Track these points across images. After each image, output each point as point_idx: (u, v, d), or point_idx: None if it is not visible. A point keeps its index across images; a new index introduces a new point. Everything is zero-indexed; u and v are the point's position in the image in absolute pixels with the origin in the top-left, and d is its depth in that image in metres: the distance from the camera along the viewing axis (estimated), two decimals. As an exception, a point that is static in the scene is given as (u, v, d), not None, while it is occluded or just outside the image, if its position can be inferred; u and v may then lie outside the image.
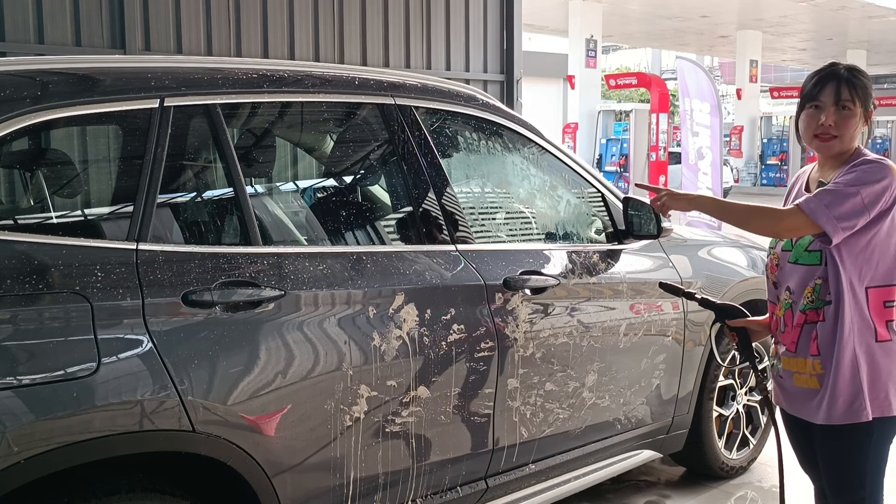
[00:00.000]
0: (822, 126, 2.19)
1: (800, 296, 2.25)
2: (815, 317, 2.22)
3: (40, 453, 1.81)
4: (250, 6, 6.47)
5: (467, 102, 2.99)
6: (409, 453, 2.53)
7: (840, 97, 2.17)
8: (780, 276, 2.33)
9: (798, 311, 2.25)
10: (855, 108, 2.18)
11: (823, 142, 2.21)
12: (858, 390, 2.17)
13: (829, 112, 2.18)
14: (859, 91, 2.18)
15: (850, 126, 2.19)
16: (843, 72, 2.20)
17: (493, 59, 8.12)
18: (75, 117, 2.12)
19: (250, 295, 2.19)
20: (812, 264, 2.22)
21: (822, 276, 2.20)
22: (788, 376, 2.31)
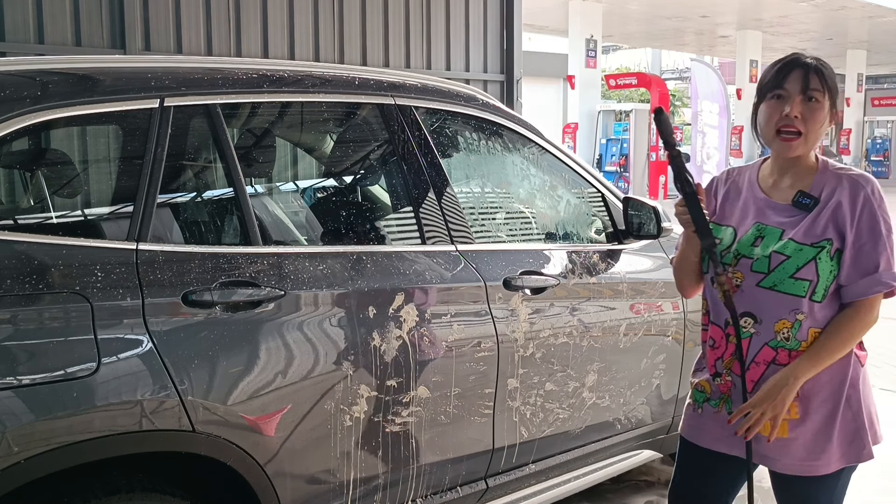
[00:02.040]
0: (787, 118, 1.90)
1: (769, 328, 1.95)
2: (783, 358, 1.95)
3: (40, 453, 1.81)
4: (250, 6, 6.47)
5: (467, 102, 2.99)
6: (409, 453, 2.53)
7: (808, 85, 1.90)
8: (738, 299, 1.97)
9: (765, 346, 1.96)
10: (823, 100, 1.91)
11: (786, 140, 1.92)
12: (856, 427, 1.98)
13: (794, 102, 1.90)
14: (828, 81, 1.93)
15: (818, 120, 1.91)
16: (810, 60, 1.94)
17: (493, 59, 8.12)
18: (75, 117, 2.12)
19: (250, 295, 2.19)
20: (796, 295, 1.93)
21: (807, 313, 1.92)
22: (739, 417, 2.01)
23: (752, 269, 1.97)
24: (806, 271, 1.92)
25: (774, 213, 2.00)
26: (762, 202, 2.03)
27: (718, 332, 2.06)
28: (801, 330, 1.93)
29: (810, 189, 1.96)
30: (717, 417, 2.07)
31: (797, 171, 2.00)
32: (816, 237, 1.92)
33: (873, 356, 6.70)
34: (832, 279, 1.93)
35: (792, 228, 1.95)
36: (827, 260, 1.92)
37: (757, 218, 2.01)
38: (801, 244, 1.93)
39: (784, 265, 1.93)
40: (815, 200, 1.95)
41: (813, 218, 1.94)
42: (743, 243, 2.01)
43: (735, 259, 2.01)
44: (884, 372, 5.76)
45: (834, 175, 1.96)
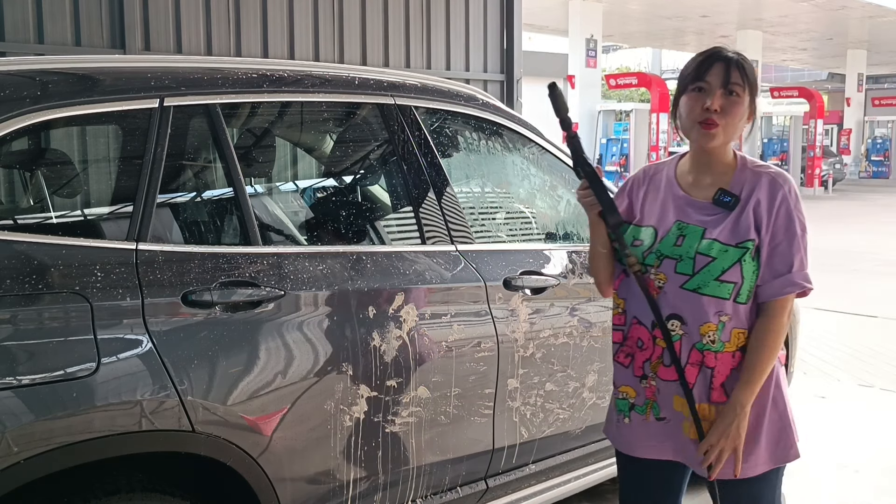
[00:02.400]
0: (707, 111, 1.89)
1: (695, 331, 1.91)
2: (710, 360, 1.92)
3: (40, 453, 1.81)
4: (250, 6, 6.47)
5: (467, 102, 2.99)
6: (408, 453, 2.52)
7: (729, 79, 1.89)
8: (663, 301, 1.94)
9: (694, 349, 1.92)
10: (743, 95, 1.91)
11: (706, 128, 1.90)
12: (782, 428, 1.97)
13: (716, 95, 1.89)
14: (749, 77, 1.92)
15: (737, 115, 1.91)
16: (731, 54, 1.93)
17: (493, 58, 8.11)
18: (75, 117, 2.12)
19: (250, 295, 2.19)
20: (720, 297, 1.90)
21: (731, 314, 1.90)
22: (677, 419, 1.98)
23: (675, 270, 1.93)
24: (731, 273, 1.89)
25: (695, 212, 1.96)
26: (682, 200, 1.99)
27: (646, 333, 1.99)
28: (724, 331, 1.91)
29: (730, 187, 1.95)
30: (645, 425, 2.03)
31: (716, 168, 1.98)
32: (740, 237, 1.90)
33: (873, 356, 6.69)
34: (755, 280, 1.91)
35: (714, 227, 1.92)
36: (750, 261, 1.90)
37: (677, 216, 1.98)
38: (725, 245, 1.90)
39: (709, 267, 1.90)
40: (735, 199, 1.93)
41: (735, 217, 1.92)
42: (665, 243, 1.96)
43: (658, 260, 1.96)
44: (884, 372, 5.76)
45: (752, 173, 1.96)
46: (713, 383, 1.93)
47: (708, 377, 1.93)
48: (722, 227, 1.92)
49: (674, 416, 1.98)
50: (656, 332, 1.96)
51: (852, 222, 15.96)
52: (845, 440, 4.43)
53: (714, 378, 1.93)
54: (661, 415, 2.00)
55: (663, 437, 2.00)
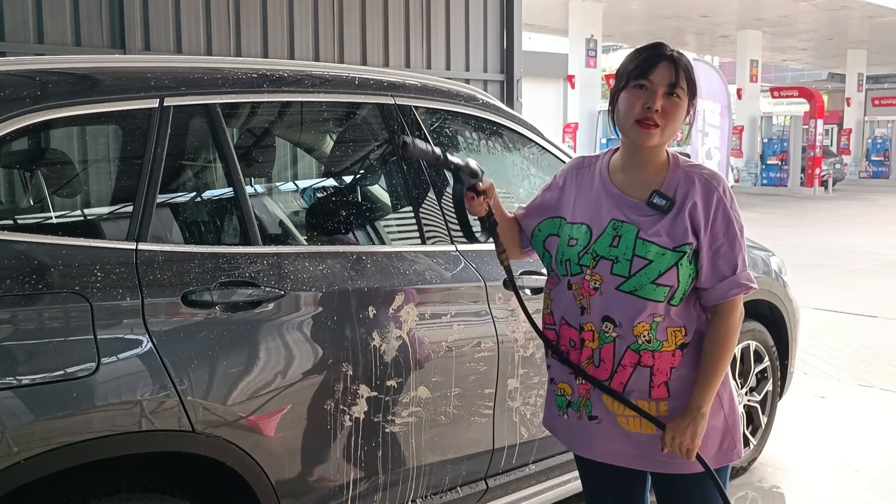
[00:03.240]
0: (648, 111, 1.86)
1: (629, 332, 1.90)
2: (647, 359, 1.91)
3: (40, 453, 1.81)
4: (250, 6, 6.47)
5: (467, 102, 2.99)
6: (408, 453, 2.52)
7: (675, 82, 1.87)
8: (598, 302, 1.93)
9: (629, 350, 1.91)
10: (684, 97, 1.89)
11: (646, 128, 1.87)
12: (729, 428, 1.98)
13: (658, 96, 1.86)
14: (690, 79, 1.89)
15: (677, 117, 1.89)
16: (675, 53, 1.90)
17: (493, 58, 8.11)
18: (75, 117, 2.12)
19: (250, 295, 2.19)
20: (654, 300, 1.88)
21: (664, 314, 1.90)
22: (609, 418, 1.97)
23: (612, 271, 1.90)
24: (668, 277, 1.87)
25: (630, 211, 1.93)
26: (616, 198, 1.95)
27: (575, 334, 1.98)
28: (658, 330, 1.90)
29: (663, 187, 1.92)
30: (580, 424, 2.02)
31: (649, 166, 1.94)
32: (678, 241, 1.88)
33: (873, 356, 6.68)
34: (690, 283, 1.90)
35: (649, 228, 1.90)
36: (687, 265, 1.88)
37: (612, 215, 1.94)
38: (663, 248, 1.87)
39: (646, 270, 1.87)
40: (670, 202, 1.90)
41: (672, 220, 1.89)
42: (601, 243, 1.93)
43: (594, 261, 1.93)
44: (884, 372, 5.76)
45: (685, 173, 1.93)
46: (653, 381, 1.92)
47: (647, 376, 1.92)
48: (657, 229, 1.89)
49: (606, 416, 1.97)
50: (584, 334, 1.96)
51: (852, 222, 15.96)
52: (845, 440, 4.43)
53: (654, 376, 1.92)
54: (592, 413, 1.99)
55: (604, 439, 1.99)
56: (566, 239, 1.99)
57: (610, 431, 1.98)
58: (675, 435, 1.90)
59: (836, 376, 5.68)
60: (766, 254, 3.90)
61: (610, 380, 1.94)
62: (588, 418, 2.00)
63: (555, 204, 2.06)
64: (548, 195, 2.10)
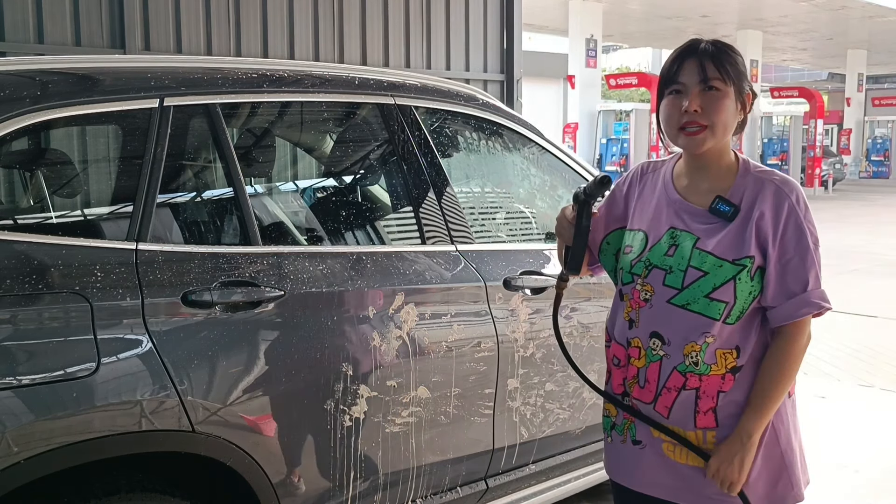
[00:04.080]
0: (687, 113, 1.71)
1: (678, 351, 1.73)
2: (693, 382, 1.73)
3: (40, 453, 1.81)
4: (250, 6, 6.47)
5: (467, 102, 2.99)
6: (408, 453, 2.52)
7: (706, 75, 1.71)
8: (647, 316, 1.78)
9: (675, 371, 1.74)
10: (726, 87, 1.72)
11: (691, 135, 1.72)
12: (786, 466, 1.78)
13: (692, 95, 1.71)
14: (728, 67, 1.72)
15: (722, 110, 1.71)
16: (706, 46, 1.74)
17: (493, 59, 8.11)
18: (75, 117, 2.12)
19: (250, 295, 2.19)
20: (709, 317, 1.71)
21: (717, 335, 1.71)
22: (654, 444, 1.81)
23: (664, 282, 1.75)
24: (723, 292, 1.70)
25: (690, 219, 1.78)
26: (677, 204, 1.81)
27: (622, 351, 1.85)
28: (707, 352, 1.72)
29: (730, 193, 1.76)
30: (622, 448, 1.87)
31: (714, 171, 1.79)
32: (738, 253, 1.71)
33: (873, 356, 6.65)
34: (751, 301, 1.72)
35: (709, 237, 1.74)
36: (747, 280, 1.71)
37: (671, 223, 1.80)
38: (720, 259, 1.71)
39: (700, 283, 1.72)
40: (734, 209, 1.74)
41: (735, 230, 1.73)
42: (655, 252, 1.79)
43: (646, 270, 1.79)
44: (884, 372, 5.76)
45: (755, 179, 1.76)
46: (699, 407, 1.75)
47: (692, 401, 1.75)
48: (718, 240, 1.73)
49: (650, 442, 1.81)
50: (631, 350, 1.82)
51: (852, 222, 15.96)
52: (845, 440, 4.43)
53: (699, 402, 1.74)
54: (636, 437, 1.83)
55: (646, 467, 1.83)
56: (623, 246, 1.87)
57: (653, 459, 1.81)
58: (720, 464, 1.72)
59: (836, 376, 5.68)
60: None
61: (654, 402, 1.78)
62: (632, 442, 1.84)
63: (621, 213, 1.93)
64: (612, 205, 1.95)
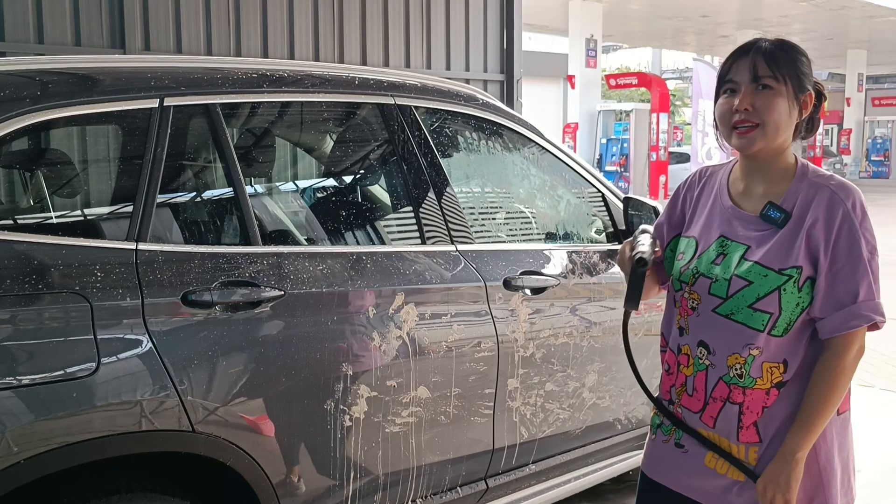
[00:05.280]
0: (738, 112, 1.67)
1: (723, 361, 1.71)
2: (737, 396, 1.70)
3: (40, 453, 1.81)
4: (250, 6, 6.47)
5: (467, 102, 2.99)
6: (408, 453, 2.52)
7: (757, 73, 1.66)
8: (694, 323, 1.76)
9: (721, 381, 1.72)
10: (780, 85, 1.66)
11: (742, 133, 1.68)
12: (822, 485, 1.72)
13: (743, 93, 1.67)
14: (782, 65, 1.66)
15: (775, 108, 1.66)
16: (763, 44, 1.69)
17: (493, 59, 8.11)
18: (75, 117, 2.12)
19: (250, 295, 2.19)
20: (752, 328, 1.67)
21: (763, 346, 1.67)
22: (696, 451, 1.79)
23: (709, 291, 1.73)
24: (767, 302, 1.66)
25: (741, 226, 1.74)
26: (729, 211, 1.77)
27: (672, 358, 1.83)
28: (753, 365, 1.69)
29: (783, 199, 1.71)
30: (665, 448, 1.86)
31: (769, 175, 1.74)
32: (784, 263, 1.66)
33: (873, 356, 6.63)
34: (798, 313, 1.67)
35: (758, 246, 1.70)
36: (794, 291, 1.66)
37: (721, 230, 1.77)
38: (766, 269, 1.67)
39: (744, 292, 1.68)
40: (785, 215, 1.69)
41: (784, 238, 1.68)
42: (703, 260, 1.76)
43: (693, 278, 1.76)
44: (884, 372, 5.76)
45: (811, 184, 1.70)
46: (742, 422, 1.71)
47: (735, 414, 1.72)
48: (767, 248, 1.69)
49: (693, 448, 1.80)
50: (681, 357, 1.80)
51: (852, 222, 15.91)
52: (845, 440, 4.43)
53: (743, 416, 1.71)
54: (680, 441, 1.83)
55: (684, 470, 1.82)
56: (677, 253, 1.84)
57: (694, 465, 1.79)
58: (766, 485, 1.68)
59: (836, 376, 5.67)
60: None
61: (701, 412, 1.77)
62: (675, 445, 1.83)
63: (678, 220, 1.90)
64: (671, 212, 1.92)
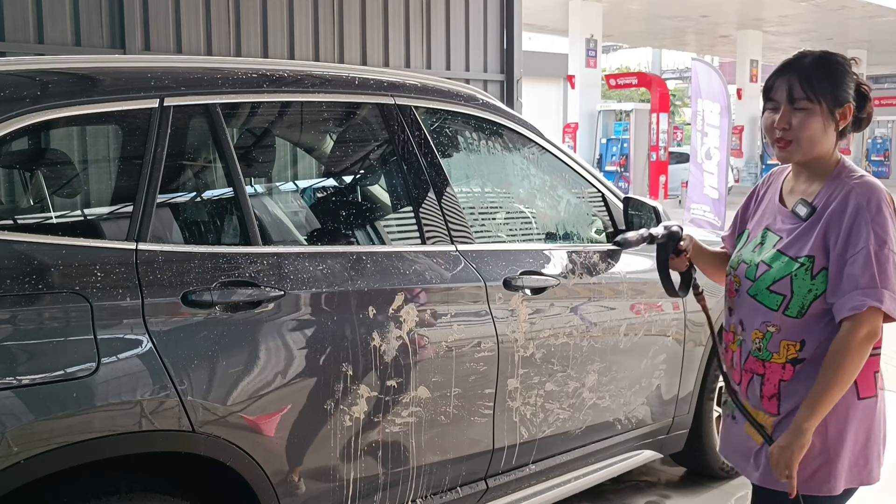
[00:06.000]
0: (777, 129, 1.87)
1: (749, 336, 1.95)
2: (759, 368, 1.92)
3: (40, 453, 1.81)
4: (250, 6, 6.47)
5: (467, 102, 2.99)
6: (408, 453, 2.52)
7: (792, 95, 1.84)
8: (736, 304, 2.00)
9: (750, 355, 1.95)
10: (813, 105, 1.82)
11: (781, 149, 1.88)
12: (828, 459, 1.85)
13: (782, 112, 1.85)
14: (816, 86, 1.82)
15: (809, 128, 1.83)
16: (804, 62, 1.85)
17: (493, 59, 8.11)
18: (75, 117, 2.12)
19: (250, 295, 2.19)
20: (769, 307, 1.89)
21: (778, 325, 1.87)
22: (741, 420, 2.00)
23: (745, 275, 1.96)
24: (781, 285, 1.86)
25: (781, 220, 1.95)
26: (776, 207, 1.99)
27: (727, 337, 2.06)
28: (771, 341, 1.89)
29: (815, 196, 1.88)
30: (727, 423, 2.09)
31: (812, 175, 1.92)
32: (799, 251, 1.85)
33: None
34: (812, 298, 1.83)
35: (787, 237, 1.90)
36: (805, 278, 1.83)
37: (767, 223, 1.99)
38: (784, 255, 1.88)
39: (765, 276, 1.90)
40: (810, 210, 1.87)
41: (805, 230, 1.87)
42: (747, 248, 2.00)
43: (737, 263, 2.01)
44: (884, 372, 5.75)
45: (840, 182, 1.86)
46: (763, 392, 1.92)
47: (758, 385, 1.93)
48: (790, 239, 1.89)
49: (739, 418, 2.01)
50: (728, 335, 2.04)
51: (852, 222, 15.91)
52: (845, 440, 4.42)
53: (763, 387, 1.92)
54: (734, 414, 2.04)
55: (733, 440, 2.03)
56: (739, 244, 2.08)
57: (740, 433, 2.00)
58: (777, 452, 1.84)
59: (836, 376, 5.67)
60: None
61: (740, 384, 2.00)
62: (731, 417, 2.05)
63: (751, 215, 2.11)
64: (744, 209, 2.14)
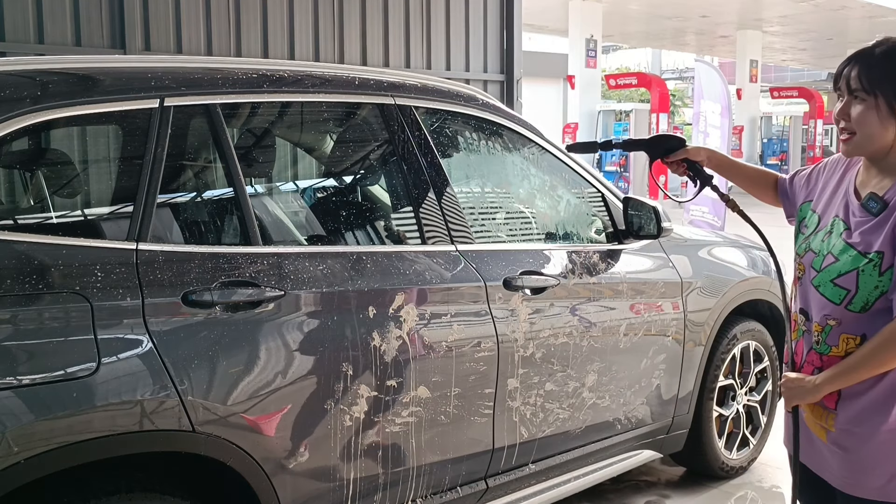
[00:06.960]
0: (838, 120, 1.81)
1: (811, 328, 1.89)
2: (817, 362, 1.87)
3: (40, 453, 1.81)
4: (250, 6, 6.47)
5: (467, 102, 2.99)
6: (408, 453, 2.53)
7: (850, 85, 1.78)
8: (800, 293, 1.95)
9: (811, 349, 1.90)
10: (870, 98, 1.75)
11: (843, 140, 1.83)
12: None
13: (844, 102, 1.80)
14: (875, 78, 1.73)
15: (864, 122, 1.77)
16: (874, 51, 1.77)
17: (493, 59, 8.12)
18: (75, 117, 2.12)
19: (250, 295, 2.19)
20: (831, 301, 1.83)
21: (839, 319, 1.82)
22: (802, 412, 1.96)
23: (811, 264, 1.89)
24: (846, 279, 1.79)
25: (852, 211, 1.87)
26: (847, 196, 1.90)
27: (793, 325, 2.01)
28: (830, 334, 1.84)
29: (888, 190, 1.80)
30: (789, 416, 2.01)
31: (883, 169, 1.83)
32: (868, 247, 1.78)
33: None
34: (877, 295, 1.77)
35: (855, 230, 1.82)
36: (872, 274, 1.76)
37: (838, 212, 1.91)
38: (852, 249, 1.80)
39: (830, 268, 1.83)
40: (881, 205, 1.79)
41: (875, 225, 1.79)
42: (817, 236, 1.92)
43: (804, 251, 1.94)
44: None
45: None
46: None
47: None
48: (859, 232, 1.81)
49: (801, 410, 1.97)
50: (792, 322, 1.99)
51: (852, 222, 15.91)
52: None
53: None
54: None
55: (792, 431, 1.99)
56: (801, 225, 2.00)
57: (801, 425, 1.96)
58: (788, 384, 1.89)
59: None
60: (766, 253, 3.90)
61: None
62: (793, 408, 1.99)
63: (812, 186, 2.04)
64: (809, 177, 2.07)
